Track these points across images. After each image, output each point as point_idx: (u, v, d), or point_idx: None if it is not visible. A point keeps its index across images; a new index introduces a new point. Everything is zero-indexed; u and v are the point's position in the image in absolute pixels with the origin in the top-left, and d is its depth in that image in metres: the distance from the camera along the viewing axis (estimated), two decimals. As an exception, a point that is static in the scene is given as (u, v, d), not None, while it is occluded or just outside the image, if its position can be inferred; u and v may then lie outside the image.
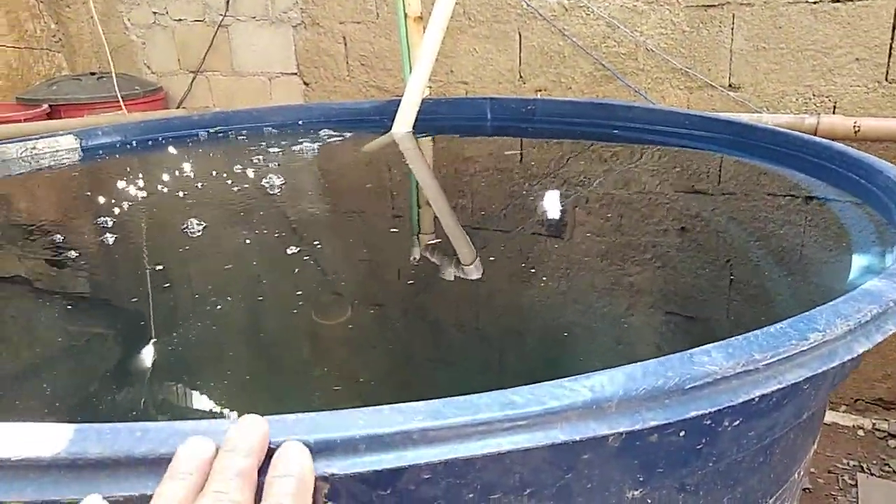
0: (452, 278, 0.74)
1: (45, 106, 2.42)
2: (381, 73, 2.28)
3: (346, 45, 2.33)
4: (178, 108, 2.83)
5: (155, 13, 2.76)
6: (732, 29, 1.69)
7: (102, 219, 0.96)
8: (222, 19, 2.57)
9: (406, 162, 1.39)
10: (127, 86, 2.53)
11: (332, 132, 1.53)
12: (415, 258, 0.82)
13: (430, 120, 1.56)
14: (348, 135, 1.52)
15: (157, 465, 0.30)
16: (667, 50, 1.77)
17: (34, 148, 1.37)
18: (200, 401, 0.53)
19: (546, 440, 0.32)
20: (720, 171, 1.22)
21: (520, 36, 1.97)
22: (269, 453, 0.30)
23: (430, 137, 1.53)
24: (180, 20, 2.71)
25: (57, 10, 3.01)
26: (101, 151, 1.44)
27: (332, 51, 2.36)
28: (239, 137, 1.55)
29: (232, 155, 1.39)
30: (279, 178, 1.14)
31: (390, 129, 1.49)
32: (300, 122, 1.65)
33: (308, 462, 0.30)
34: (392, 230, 1.00)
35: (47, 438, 0.30)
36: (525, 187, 1.16)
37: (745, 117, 1.53)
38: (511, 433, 0.33)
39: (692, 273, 0.78)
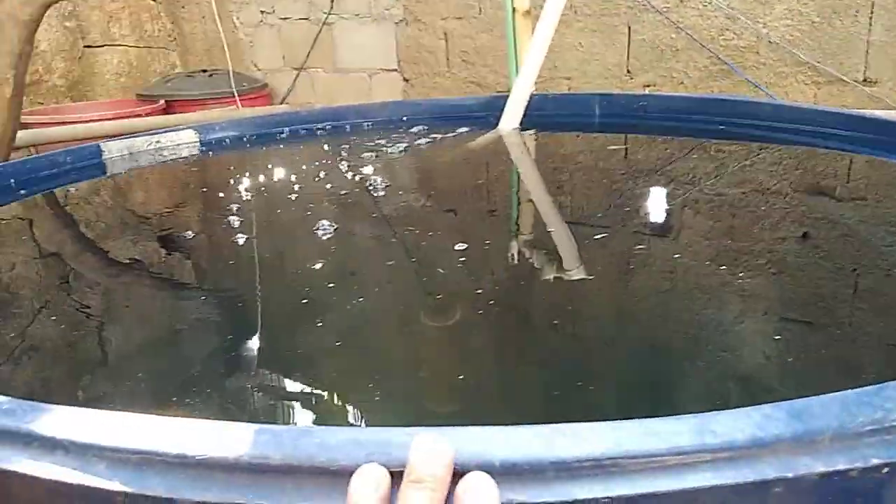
0: (554, 280, 0.71)
1: (162, 102, 2.56)
2: (481, 70, 2.26)
3: (447, 40, 2.32)
4: (281, 103, 2.92)
5: (262, 12, 2.86)
6: (871, 18, 1.56)
7: (234, 217, 0.98)
8: (326, 17, 2.62)
9: (516, 159, 1.37)
10: (236, 82, 2.64)
11: (438, 129, 1.52)
12: (523, 259, 0.80)
13: (537, 116, 1.52)
14: (462, 131, 1.50)
15: (339, 476, 0.28)
16: (793, 42, 1.65)
17: (158, 141, 1.44)
18: (370, 401, 0.52)
19: (755, 476, 0.29)
20: (849, 171, 1.13)
21: (629, 29, 1.89)
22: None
23: (537, 134, 1.50)
24: (286, 18, 2.79)
25: (173, 10, 3.18)
26: (216, 145, 1.49)
27: (432, 47, 2.37)
28: (346, 133, 1.57)
29: (341, 151, 1.41)
30: (390, 175, 1.14)
31: (496, 125, 1.47)
32: (405, 119, 1.65)
33: (496, 500, 0.28)
34: (515, 233, 0.98)
35: (230, 439, 0.30)
36: (637, 186, 1.10)
37: (881, 114, 1.40)
38: (713, 467, 0.29)
39: (813, 282, 0.71)
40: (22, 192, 1.19)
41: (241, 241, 0.89)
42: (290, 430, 0.30)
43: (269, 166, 1.37)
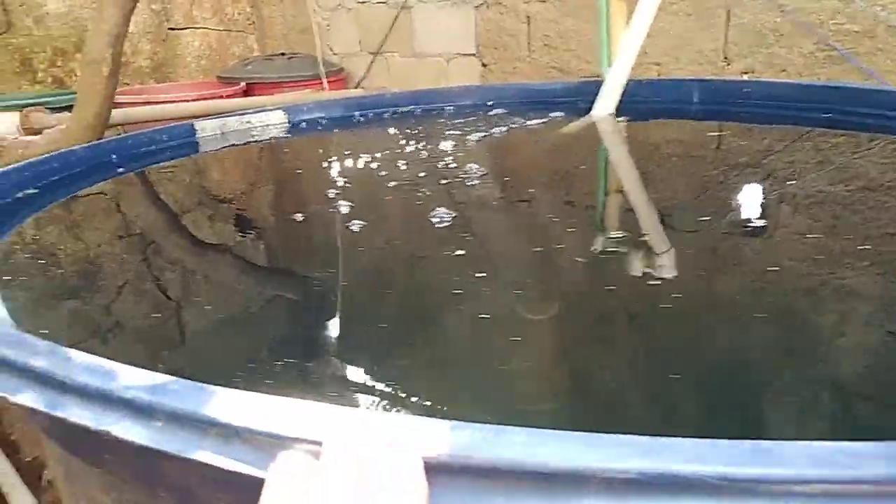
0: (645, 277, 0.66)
1: (242, 84, 2.59)
2: (564, 54, 2.20)
3: (529, 24, 2.26)
4: (355, 88, 2.93)
5: (341, -4, 2.86)
6: None
7: (343, 201, 0.96)
8: (406, 1, 2.60)
9: (612, 147, 1.31)
10: (313, 66, 2.65)
11: (526, 114, 1.47)
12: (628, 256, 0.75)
13: (629, 102, 1.46)
14: (554, 115, 1.45)
15: (574, 482, 0.25)
16: (915, 26, 1.53)
17: (248, 122, 1.45)
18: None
19: None
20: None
21: (727, 12, 1.79)
22: None
23: (632, 121, 1.43)
24: (364, 2, 2.78)
25: (254, -6, 3.22)
26: (306, 126, 1.49)
27: (513, 31, 2.31)
28: (432, 117, 1.54)
29: (429, 135, 1.38)
30: (487, 160, 1.10)
31: (588, 111, 1.41)
32: (489, 103, 1.61)
33: None
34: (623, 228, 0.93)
35: (428, 433, 0.27)
36: (746, 178, 1.03)
37: None
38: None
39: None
40: (120, 169, 1.21)
41: (357, 228, 0.86)
42: (484, 427, 0.27)
43: (363, 149, 1.36)
